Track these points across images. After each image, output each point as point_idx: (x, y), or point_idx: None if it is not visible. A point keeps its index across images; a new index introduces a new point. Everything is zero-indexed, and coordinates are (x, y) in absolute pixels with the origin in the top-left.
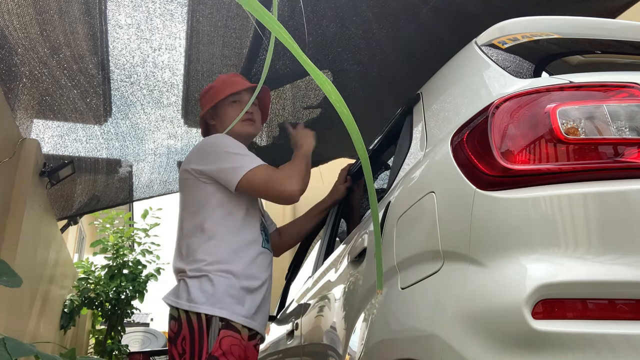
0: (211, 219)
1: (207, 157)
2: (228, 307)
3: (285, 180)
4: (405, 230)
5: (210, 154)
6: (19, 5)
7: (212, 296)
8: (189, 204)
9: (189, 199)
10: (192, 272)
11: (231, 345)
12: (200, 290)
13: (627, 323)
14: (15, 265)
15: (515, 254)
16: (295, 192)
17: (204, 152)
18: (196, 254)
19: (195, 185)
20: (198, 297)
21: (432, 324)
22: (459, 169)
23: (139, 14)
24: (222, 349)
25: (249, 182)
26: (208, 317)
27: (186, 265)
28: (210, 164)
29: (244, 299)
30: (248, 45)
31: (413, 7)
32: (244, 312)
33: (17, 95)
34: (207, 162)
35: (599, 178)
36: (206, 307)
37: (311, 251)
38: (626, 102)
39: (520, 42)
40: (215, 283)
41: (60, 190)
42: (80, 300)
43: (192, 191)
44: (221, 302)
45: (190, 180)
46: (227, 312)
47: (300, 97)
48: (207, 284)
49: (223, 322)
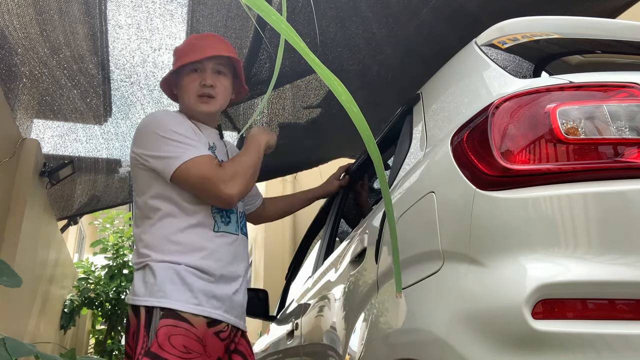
0: (153, 205)
1: (144, 140)
2: (170, 295)
3: (226, 181)
4: (405, 231)
5: (148, 136)
6: (19, 5)
7: (153, 285)
8: (135, 190)
9: (135, 185)
10: (136, 265)
11: (170, 336)
12: (142, 281)
13: (626, 323)
14: (15, 265)
15: (515, 254)
16: (233, 196)
17: (142, 134)
18: (139, 245)
19: (137, 169)
20: (139, 289)
21: (432, 324)
22: (459, 169)
23: (139, 14)
24: (158, 341)
25: (183, 176)
26: (148, 309)
27: (134, 257)
28: (146, 148)
29: (193, 285)
30: (248, 45)
31: (413, 7)
32: (192, 299)
33: (17, 95)
34: (144, 145)
35: (599, 178)
36: (145, 299)
37: (311, 251)
38: (626, 102)
39: (520, 42)
40: (156, 271)
41: (60, 190)
42: (80, 300)
43: (136, 175)
44: (162, 291)
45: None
46: (168, 301)
47: (301, 97)
48: (149, 274)
49: (163, 311)
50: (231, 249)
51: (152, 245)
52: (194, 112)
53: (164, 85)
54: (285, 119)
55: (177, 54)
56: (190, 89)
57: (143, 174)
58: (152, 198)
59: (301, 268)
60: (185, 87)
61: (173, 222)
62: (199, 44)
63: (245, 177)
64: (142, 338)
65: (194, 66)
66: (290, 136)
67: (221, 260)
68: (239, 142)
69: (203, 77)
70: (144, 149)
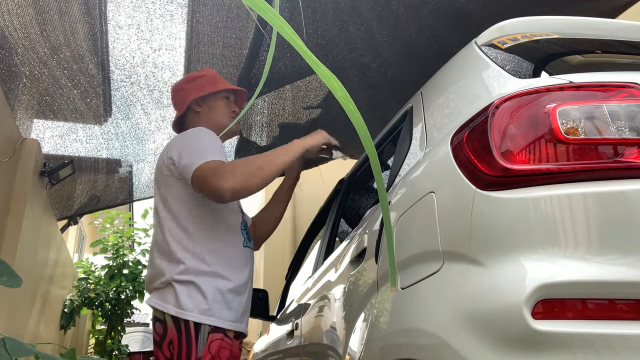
0: (188, 216)
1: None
2: (217, 314)
3: (222, 174)
4: (405, 231)
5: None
6: (19, 5)
7: (201, 303)
8: (166, 198)
9: (166, 192)
10: (178, 276)
11: (220, 349)
12: (188, 296)
13: (626, 323)
14: (15, 265)
15: (515, 254)
16: (225, 189)
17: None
18: (176, 254)
19: (171, 179)
20: (186, 304)
21: (432, 324)
22: (459, 169)
23: (139, 14)
24: (211, 352)
25: (197, 177)
26: (197, 323)
27: (169, 266)
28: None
29: (232, 303)
30: (248, 45)
31: (414, 8)
32: (231, 317)
33: (17, 95)
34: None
35: (599, 178)
36: (195, 315)
37: (311, 251)
38: (626, 102)
39: (520, 42)
40: (204, 289)
41: (60, 190)
42: (80, 300)
43: (168, 184)
44: (210, 310)
45: (168, 172)
46: (216, 320)
47: (301, 97)
48: (194, 290)
49: (211, 326)
50: (252, 264)
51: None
52: (221, 129)
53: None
54: (286, 120)
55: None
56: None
57: (176, 183)
58: (187, 208)
59: (301, 268)
60: (220, 109)
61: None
62: (218, 76)
63: (245, 174)
64: (192, 348)
65: (226, 94)
66: (290, 137)
67: (246, 276)
68: (239, 142)
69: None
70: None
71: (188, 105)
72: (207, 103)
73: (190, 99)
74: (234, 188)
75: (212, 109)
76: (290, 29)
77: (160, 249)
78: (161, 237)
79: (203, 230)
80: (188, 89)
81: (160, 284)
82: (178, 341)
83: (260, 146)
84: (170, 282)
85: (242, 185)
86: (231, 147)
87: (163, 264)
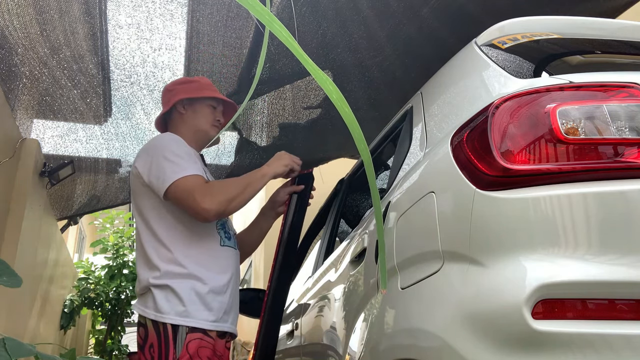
0: (161, 223)
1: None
2: (194, 315)
3: (207, 197)
4: (405, 231)
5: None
6: (19, 5)
7: (177, 305)
8: (140, 207)
9: (139, 202)
10: (155, 281)
11: (199, 348)
12: (165, 300)
13: (627, 323)
14: (15, 265)
15: (515, 254)
16: (210, 211)
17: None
18: (153, 260)
19: (139, 186)
20: (164, 307)
21: (432, 324)
22: (459, 169)
23: (139, 14)
24: (189, 352)
25: (174, 192)
26: (174, 325)
27: (148, 272)
28: (146, 168)
29: (211, 303)
30: (248, 45)
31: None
32: (211, 317)
33: (17, 95)
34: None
35: (599, 178)
36: (172, 317)
37: (311, 251)
38: (626, 102)
39: (520, 42)
40: (179, 292)
41: (60, 190)
42: (80, 300)
43: (138, 192)
44: (187, 311)
45: (137, 181)
46: (194, 321)
47: (301, 98)
48: (171, 293)
49: (188, 327)
50: (234, 263)
51: (166, 261)
52: (200, 135)
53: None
54: (285, 119)
55: (194, 83)
56: (208, 119)
57: (146, 193)
58: (157, 216)
59: (301, 268)
60: (205, 116)
61: (183, 240)
62: (212, 86)
63: (227, 196)
64: (170, 350)
65: (214, 102)
66: (290, 137)
67: (226, 276)
68: (239, 142)
69: (219, 114)
70: (144, 167)
71: (174, 104)
72: (193, 106)
73: (178, 98)
74: (218, 210)
75: (196, 113)
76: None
77: (140, 256)
78: (139, 244)
79: (177, 235)
80: (178, 89)
81: (141, 290)
82: (158, 344)
83: (261, 146)
84: (149, 287)
85: (225, 209)
86: (231, 148)
87: (143, 271)
